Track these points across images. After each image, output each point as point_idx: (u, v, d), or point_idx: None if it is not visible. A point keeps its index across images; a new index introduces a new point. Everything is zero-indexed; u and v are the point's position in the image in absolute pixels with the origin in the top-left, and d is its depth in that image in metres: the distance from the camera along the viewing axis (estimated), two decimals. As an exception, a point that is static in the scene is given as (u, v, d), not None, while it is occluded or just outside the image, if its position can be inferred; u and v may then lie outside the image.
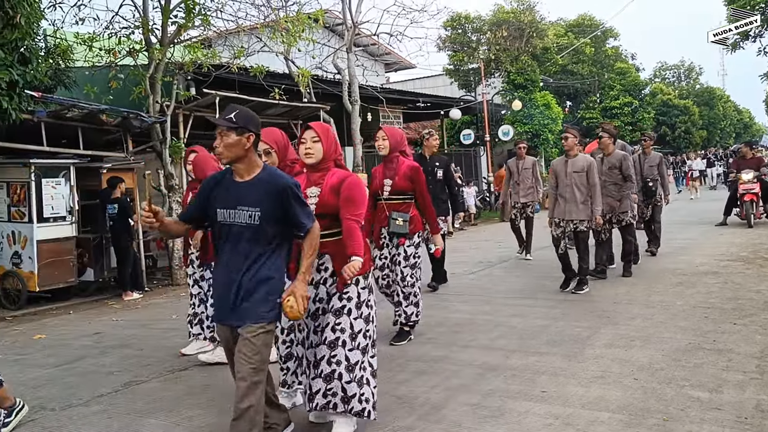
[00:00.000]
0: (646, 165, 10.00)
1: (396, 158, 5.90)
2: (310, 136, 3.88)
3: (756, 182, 13.14)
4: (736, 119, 57.87)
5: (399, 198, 5.88)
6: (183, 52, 11.59)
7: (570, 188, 7.58)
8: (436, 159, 8.47)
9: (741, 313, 6.16)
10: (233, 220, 3.27)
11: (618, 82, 33.98)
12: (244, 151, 3.25)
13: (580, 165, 7.59)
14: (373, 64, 23.36)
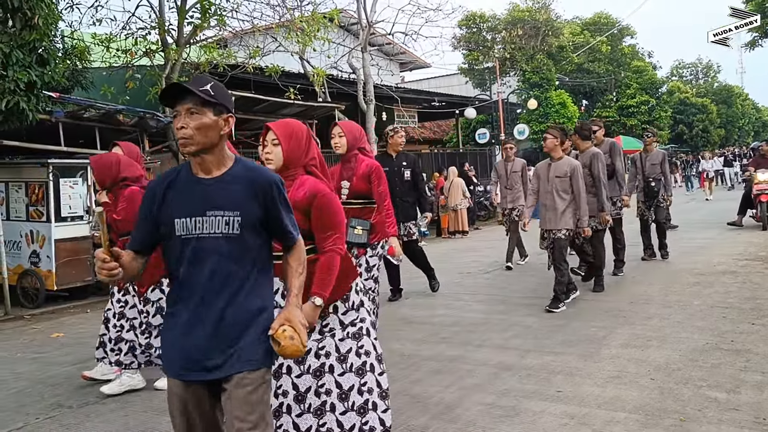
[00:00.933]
0: (648, 163, 9.41)
1: (354, 157, 5.29)
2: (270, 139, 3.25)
3: None
4: (754, 117, 57.31)
5: (358, 202, 5.28)
6: (199, 52, 11.67)
7: (551, 195, 6.82)
8: (402, 158, 7.81)
9: (759, 313, 6.10)
10: (201, 231, 2.40)
11: (635, 81, 33.72)
12: (218, 138, 2.44)
13: (563, 169, 6.80)
14: (388, 63, 23.36)
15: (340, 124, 5.28)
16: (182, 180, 2.50)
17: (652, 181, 9.31)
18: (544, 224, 6.92)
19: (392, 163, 7.63)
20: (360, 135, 5.30)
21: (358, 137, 5.27)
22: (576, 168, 6.78)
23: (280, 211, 2.51)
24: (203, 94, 2.38)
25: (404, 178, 7.67)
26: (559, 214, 6.74)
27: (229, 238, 2.42)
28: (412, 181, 7.76)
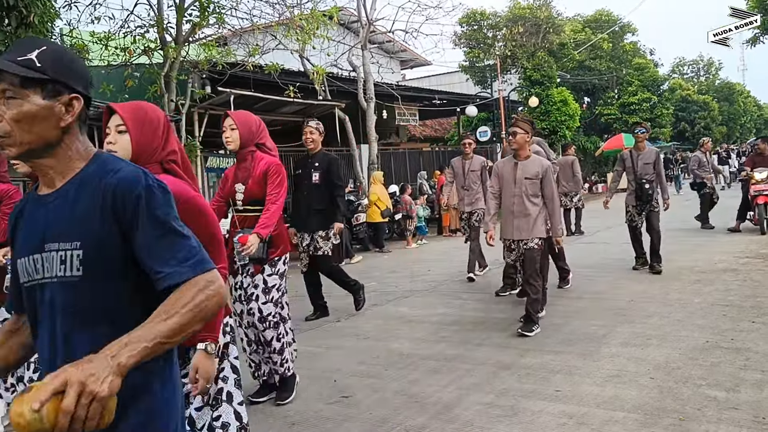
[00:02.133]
0: (641, 163, 8.46)
1: (251, 155, 4.40)
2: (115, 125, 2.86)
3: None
4: (756, 114, 57.21)
5: (256, 209, 4.39)
6: (198, 50, 11.64)
7: (519, 199, 5.95)
8: (317, 158, 6.73)
9: (760, 311, 6.06)
10: (41, 274, 1.61)
11: (636, 78, 33.62)
12: (57, 132, 1.61)
13: (534, 170, 5.96)
14: (388, 61, 23.32)
15: (231, 114, 4.35)
16: (30, 203, 1.72)
17: (645, 183, 8.37)
18: (510, 233, 6.04)
19: (306, 164, 6.81)
20: (258, 128, 4.43)
21: (255, 131, 4.40)
22: (548, 168, 6.02)
23: (147, 235, 1.57)
24: (22, 66, 1.54)
25: (312, 182, 6.67)
26: (531, 221, 5.91)
27: (67, 286, 1.57)
28: (326, 186, 6.70)
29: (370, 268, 11.07)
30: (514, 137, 6.01)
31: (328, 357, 5.56)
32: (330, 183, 6.71)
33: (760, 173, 11.68)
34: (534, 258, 5.92)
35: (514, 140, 6.01)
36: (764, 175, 11.60)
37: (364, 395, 4.49)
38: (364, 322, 6.81)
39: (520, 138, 5.95)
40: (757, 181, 11.62)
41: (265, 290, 4.32)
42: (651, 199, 8.37)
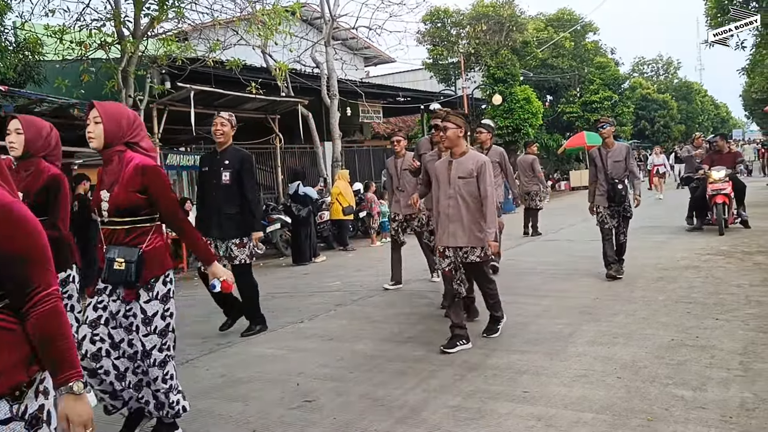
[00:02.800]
0: (610, 161, 7.87)
1: (118, 155, 3.55)
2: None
3: (728, 181, 11.23)
4: (713, 113, 58.48)
5: (124, 222, 3.54)
6: (157, 45, 11.37)
7: (454, 201, 5.33)
8: (228, 155, 6.05)
9: (723, 308, 6.09)
10: None
11: (598, 77, 34.02)
12: None
13: (468, 168, 5.29)
14: (352, 58, 23.17)
15: (97, 105, 3.53)
16: None
17: (618, 183, 7.81)
18: (446, 239, 5.40)
19: (214, 161, 6.12)
20: (131, 124, 3.58)
21: (126, 127, 3.56)
22: (484, 164, 5.29)
23: None
24: None
25: (222, 182, 5.99)
26: (468, 226, 5.31)
27: None
28: (237, 187, 6.02)
29: (334, 267, 10.94)
30: (445, 132, 5.36)
31: (291, 359, 5.42)
32: (242, 184, 6.00)
33: (717, 172, 11.33)
34: (479, 269, 5.50)
35: (445, 136, 5.37)
36: (722, 174, 11.26)
37: (328, 399, 4.36)
38: (327, 323, 6.68)
39: (452, 133, 5.31)
40: (714, 180, 11.28)
41: (145, 321, 3.56)
42: (624, 200, 7.84)
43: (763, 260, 8.43)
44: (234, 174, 5.99)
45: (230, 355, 5.71)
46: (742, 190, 11.84)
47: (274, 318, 7.06)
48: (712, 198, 11.22)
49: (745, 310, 5.97)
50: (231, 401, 4.45)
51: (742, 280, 7.30)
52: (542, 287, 7.69)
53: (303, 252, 11.71)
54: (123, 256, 3.49)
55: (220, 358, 5.61)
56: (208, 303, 8.27)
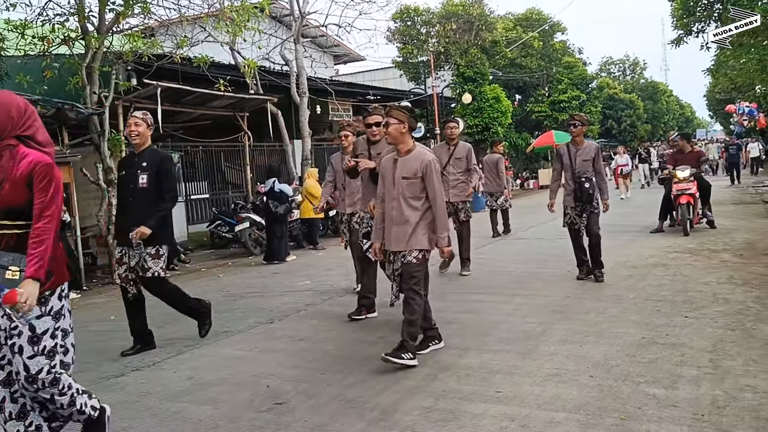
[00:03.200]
0: (579, 159, 7.70)
1: (10, 150, 3.19)
2: None
3: (692, 181, 11.16)
4: (678, 113, 59.49)
5: (15, 225, 3.19)
6: (122, 41, 11.15)
7: (397, 202, 4.97)
8: (146, 156, 5.62)
9: (691, 305, 6.14)
10: None
11: (566, 76, 34.36)
12: None
13: (413, 167, 4.93)
14: (321, 55, 23.07)
15: None
16: None
17: (585, 182, 7.62)
18: (389, 243, 5.08)
19: (132, 163, 5.70)
20: (19, 114, 3.20)
21: (17, 118, 3.20)
22: (429, 164, 4.93)
23: None
24: None
25: (138, 186, 5.54)
26: (410, 230, 4.94)
27: None
28: (156, 191, 5.57)
29: (304, 266, 10.85)
30: (386, 128, 4.97)
31: (260, 361, 5.32)
32: (160, 186, 5.58)
33: (682, 171, 11.21)
34: (411, 273, 4.93)
35: (387, 131, 4.98)
36: (686, 174, 11.15)
37: (299, 401, 4.29)
38: (298, 324, 6.59)
39: (394, 129, 4.91)
40: (679, 179, 11.16)
41: (33, 339, 3.16)
42: (591, 199, 7.63)
43: (729, 258, 8.55)
44: (152, 177, 5.54)
45: (198, 357, 5.60)
46: (707, 190, 11.80)
47: (244, 318, 6.96)
48: (677, 198, 11.13)
49: (713, 307, 6.02)
50: (199, 404, 4.35)
51: (710, 277, 7.38)
52: (513, 286, 7.69)
53: (278, 251, 11.58)
54: (17, 263, 3.08)
55: (188, 361, 5.49)
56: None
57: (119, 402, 4.50)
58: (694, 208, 11.30)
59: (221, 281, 10.00)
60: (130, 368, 5.34)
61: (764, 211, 14.23)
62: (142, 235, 5.41)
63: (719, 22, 16.74)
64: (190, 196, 16.35)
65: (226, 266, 11.79)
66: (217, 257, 13.27)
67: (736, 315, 5.69)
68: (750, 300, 6.22)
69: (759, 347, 4.78)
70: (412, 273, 4.94)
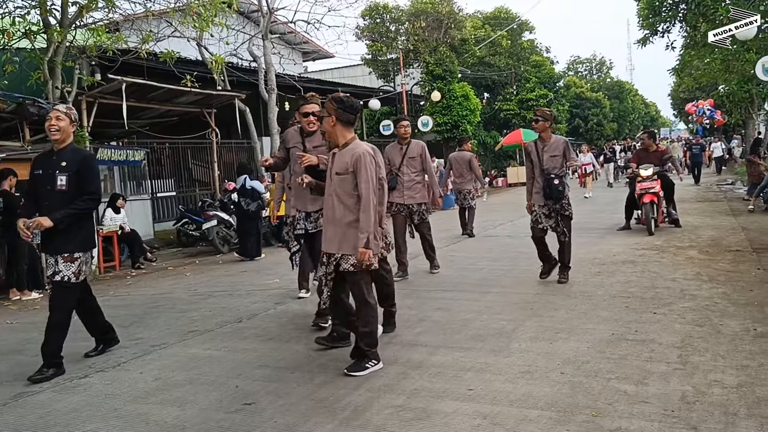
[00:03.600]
0: (546, 155, 7.36)
1: None
2: None
3: (656, 180, 10.96)
4: (643, 112, 60.38)
5: None
6: (86, 35, 10.91)
7: (331, 200, 4.67)
8: (65, 154, 5.15)
9: (659, 302, 6.19)
10: None
11: (534, 75, 34.64)
12: None
13: (344, 162, 4.58)
14: (290, 52, 22.90)
15: None
16: None
17: (554, 179, 7.26)
18: (325, 245, 4.74)
19: (50, 163, 5.18)
20: None
21: None
22: (360, 158, 4.53)
23: None
24: None
25: (57, 187, 5.06)
26: (341, 232, 4.60)
27: None
28: (76, 193, 5.10)
29: (273, 264, 10.73)
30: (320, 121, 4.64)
31: (229, 361, 5.23)
32: (81, 190, 5.11)
33: (645, 170, 11.03)
34: (355, 281, 4.60)
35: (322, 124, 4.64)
36: (650, 172, 10.97)
37: (269, 402, 4.22)
38: (267, 323, 6.50)
39: (326, 122, 4.60)
40: (643, 178, 10.98)
41: None
42: (562, 197, 7.30)
43: (695, 255, 8.66)
44: (72, 178, 5.05)
45: (166, 356, 5.48)
46: (671, 188, 11.63)
47: (212, 317, 6.85)
48: (641, 197, 10.97)
49: (680, 303, 6.08)
50: (166, 406, 4.25)
51: (677, 274, 7.46)
52: (484, 283, 7.69)
53: (251, 247, 11.46)
54: None
55: (155, 361, 5.38)
56: (142, 303, 7.99)
57: (83, 404, 4.39)
58: (659, 207, 11.17)
59: (188, 280, 9.86)
60: (94, 369, 5.21)
61: (728, 208, 14.47)
62: (39, 225, 4.93)
63: (684, 23, 17.01)
64: (156, 193, 16.12)
65: (194, 265, 11.62)
66: (184, 255, 13.09)
67: (704, 311, 5.76)
68: (716, 296, 6.29)
69: (726, 342, 4.83)
70: (355, 281, 4.58)
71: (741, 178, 22.49)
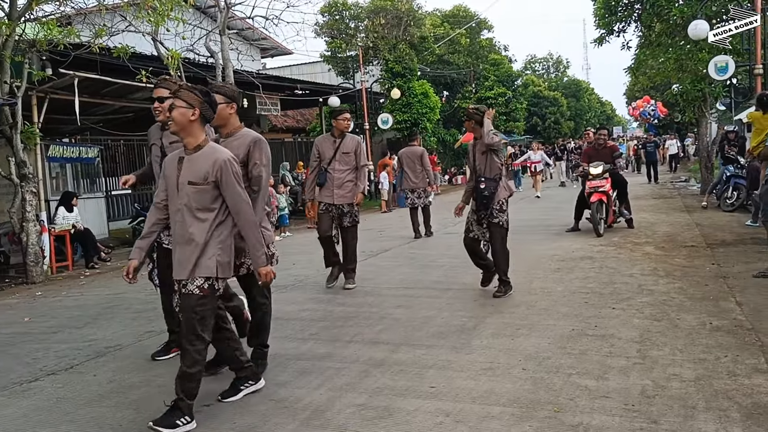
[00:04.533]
0: (478, 153, 6.66)
1: None
2: None
3: (606, 179, 10.51)
4: (599, 111, 61.34)
5: None
6: (35, 28, 10.58)
7: (181, 216, 3.76)
8: None
9: (618, 297, 6.26)
10: None
11: (492, 73, 34.89)
12: None
13: (202, 170, 3.70)
14: (248, 48, 22.60)
15: None
16: None
17: (481, 182, 6.53)
18: (174, 269, 3.84)
19: None
20: None
21: None
22: (225, 165, 3.71)
23: None
24: None
25: None
26: (196, 253, 3.72)
27: None
28: None
29: (231, 262, 10.56)
30: (170, 113, 3.72)
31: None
32: None
33: (595, 168, 10.57)
34: (192, 308, 3.71)
35: (171, 117, 3.72)
36: (599, 170, 10.52)
37: (227, 403, 4.12)
38: (226, 322, 6.38)
39: (179, 116, 3.69)
40: (592, 176, 10.52)
41: None
42: (489, 204, 6.52)
43: (651, 250, 8.79)
44: None
45: (121, 358, 5.34)
46: (624, 186, 11.16)
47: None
48: (590, 196, 10.44)
49: (638, 298, 6.16)
50: (121, 409, 4.13)
51: (634, 269, 7.56)
52: (444, 280, 7.69)
53: None
54: None
55: (109, 363, 5.23)
56: (96, 304, 7.79)
57: (33, 408, 4.24)
58: (609, 206, 10.68)
59: (145, 279, 9.61)
60: (45, 372, 5.04)
61: (682, 205, 14.77)
62: None
63: (639, 23, 17.26)
64: (110, 192, 15.78)
65: (150, 264, 11.37)
66: (140, 255, 12.80)
67: (661, 305, 5.83)
68: (673, 291, 6.39)
69: (683, 336, 4.89)
70: (193, 308, 3.70)
71: (694, 176, 23.01)
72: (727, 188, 13.02)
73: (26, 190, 9.89)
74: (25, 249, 9.99)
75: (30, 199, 9.87)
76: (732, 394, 3.76)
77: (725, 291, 6.27)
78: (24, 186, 9.91)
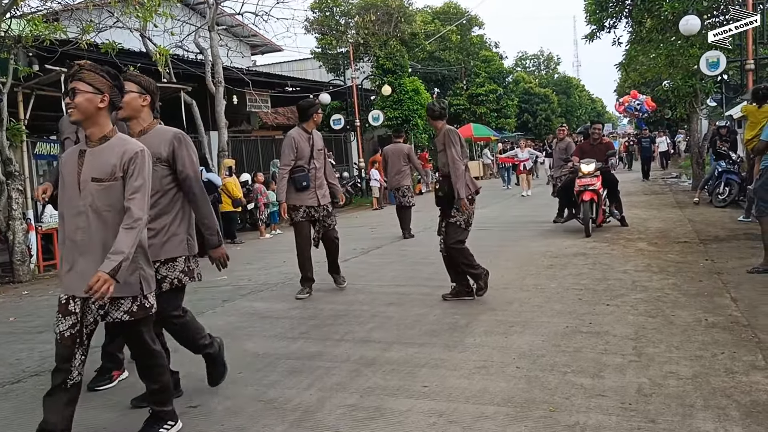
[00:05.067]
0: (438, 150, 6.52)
1: None
2: None
3: (597, 177, 10.13)
4: (590, 107, 61.47)
5: None
6: (21, 24, 10.42)
7: (85, 219, 3.16)
8: None
9: (612, 293, 6.20)
10: None
11: (483, 70, 34.83)
12: None
13: (109, 163, 3.16)
14: (238, 45, 22.47)
15: None
16: None
17: (442, 179, 6.35)
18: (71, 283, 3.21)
19: None
20: None
21: None
22: (137, 156, 3.17)
23: None
24: None
25: None
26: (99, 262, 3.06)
27: None
28: None
29: (221, 261, 10.46)
30: (73, 99, 3.13)
31: (173, 361, 4.99)
32: None
33: (587, 165, 10.17)
34: (135, 333, 3.35)
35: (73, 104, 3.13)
36: (591, 168, 10.12)
37: (216, 403, 4.03)
38: (215, 320, 6.27)
39: (83, 102, 3.14)
40: (583, 174, 10.10)
41: None
42: (442, 202, 6.28)
43: (644, 246, 8.74)
44: None
45: (106, 359, 5.22)
46: (614, 185, 10.75)
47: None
48: (580, 195, 10.08)
49: (632, 295, 6.10)
50: (107, 409, 4.03)
51: (628, 266, 7.50)
52: (436, 277, 7.58)
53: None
54: None
55: (95, 364, 5.11)
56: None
57: (16, 410, 4.14)
58: (599, 205, 10.31)
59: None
60: (28, 373, 4.92)
61: (674, 201, 14.75)
62: None
63: (630, 18, 17.22)
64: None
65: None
66: (129, 253, 12.68)
67: (655, 302, 5.77)
68: (667, 287, 6.33)
69: (679, 333, 4.83)
70: (134, 333, 3.35)
71: (685, 172, 23.04)
72: (719, 184, 12.99)
73: (12, 188, 9.75)
74: (11, 248, 9.85)
75: (16, 197, 9.73)
76: (730, 391, 3.69)
77: (720, 287, 6.22)
78: (10, 184, 9.77)
